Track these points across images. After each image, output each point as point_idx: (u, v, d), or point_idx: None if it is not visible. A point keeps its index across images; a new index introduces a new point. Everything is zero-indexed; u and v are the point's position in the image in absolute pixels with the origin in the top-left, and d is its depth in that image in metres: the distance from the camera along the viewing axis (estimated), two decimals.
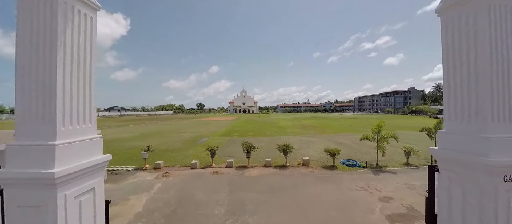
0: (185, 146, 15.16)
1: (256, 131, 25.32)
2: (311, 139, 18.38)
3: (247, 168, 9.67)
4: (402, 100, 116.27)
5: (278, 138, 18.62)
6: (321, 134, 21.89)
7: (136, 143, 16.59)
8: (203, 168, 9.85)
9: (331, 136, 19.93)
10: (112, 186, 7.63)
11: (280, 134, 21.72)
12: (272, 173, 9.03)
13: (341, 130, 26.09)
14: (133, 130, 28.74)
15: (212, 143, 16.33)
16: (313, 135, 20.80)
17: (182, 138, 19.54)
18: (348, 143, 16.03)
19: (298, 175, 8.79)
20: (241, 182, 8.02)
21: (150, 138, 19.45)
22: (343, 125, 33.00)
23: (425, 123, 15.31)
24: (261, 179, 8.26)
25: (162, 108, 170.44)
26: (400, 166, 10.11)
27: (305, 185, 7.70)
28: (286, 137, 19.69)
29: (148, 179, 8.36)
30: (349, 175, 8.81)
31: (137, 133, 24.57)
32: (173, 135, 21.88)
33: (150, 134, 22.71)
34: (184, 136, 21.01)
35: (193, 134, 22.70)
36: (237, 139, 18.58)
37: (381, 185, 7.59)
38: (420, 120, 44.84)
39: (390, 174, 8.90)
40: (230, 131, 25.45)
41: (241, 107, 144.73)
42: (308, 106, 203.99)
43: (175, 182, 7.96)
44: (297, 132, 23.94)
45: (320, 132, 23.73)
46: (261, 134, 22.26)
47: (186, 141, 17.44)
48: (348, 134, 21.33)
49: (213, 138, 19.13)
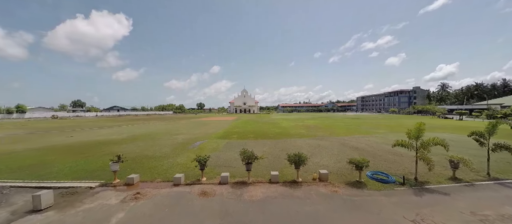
0: (174, 152, 12.86)
1: (257, 132, 23.01)
2: (320, 142, 16.04)
3: (247, 186, 7.35)
4: (407, 100, 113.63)
5: (283, 141, 16.33)
6: (330, 136, 19.54)
7: (121, 148, 14.33)
8: (190, 184, 7.54)
9: (341, 139, 17.59)
10: (54, 217, 5.33)
11: (284, 136, 19.41)
12: (280, 193, 6.70)
13: (350, 131, 23.72)
14: (125, 130, 26.49)
15: (207, 147, 14.05)
16: (322, 137, 18.47)
17: (174, 141, 17.25)
18: (364, 147, 13.69)
19: (317, 197, 6.45)
20: (238, 209, 5.70)
21: (139, 141, 17.19)
22: (350, 125, 30.63)
23: (444, 124, 13.02)
24: (267, 205, 5.94)
25: (161, 108, 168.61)
26: (445, 181, 7.76)
27: (330, 216, 5.37)
28: (291, 139, 17.38)
29: (110, 204, 6.05)
30: (386, 197, 6.46)
31: (128, 134, 22.33)
32: (165, 137, 19.61)
33: (140, 136, 20.46)
34: (177, 138, 18.73)
35: (188, 136, 20.42)
36: (236, 142, 16.28)
37: (440, 217, 5.25)
38: (434, 121, 42.45)
39: (441, 196, 6.55)
40: (229, 132, 23.15)
41: (242, 107, 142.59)
42: (309, 106, 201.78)
43: (144, 211, 5.64)
44: (303, 133, 21.62)
45: (328, 133, 21.38)
46: (263, 135, 19.96)
47: (177, 145, 15.15)
48: (360, 136, 18.98)
49: (209, 141, 16.84)
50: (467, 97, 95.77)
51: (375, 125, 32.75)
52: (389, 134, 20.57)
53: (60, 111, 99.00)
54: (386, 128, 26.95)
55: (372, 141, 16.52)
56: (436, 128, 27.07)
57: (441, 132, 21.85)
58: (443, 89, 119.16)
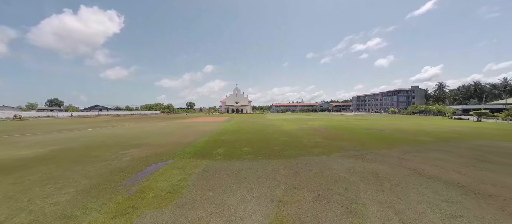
0: (70, 209, 5.70)
1: (254, 141, 16.09)
2: (369, 166, 9.31)
3: None
4: (405, 100, 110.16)
5: (305, 164, 9.27)
6: (364, 148, 12.92)
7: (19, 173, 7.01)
8: None
9: (397, 159, 10.98)
10: None
11: (296, 148, 12.60)
12: None
13: (383, 140, 17.24)
14: (65, 138, 18.81)
15: (162, 182, 6.92)
16: (359, 150, 11.82)
17: (111, 163, 10.04)
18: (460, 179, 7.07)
19: None
20: None
21: (51, 163, 9.84)
22: (369, 129, 24.27)
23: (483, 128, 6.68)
24: None
25: (148, 108, 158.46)
26: None
27: None
28: (315, 157, 10.50)
29: None
30: None
31: (57, 146, 14.82)
32: (107, 152, 12.33)
33: (67, 151, 13.06)
34: (126, 155, 11.53)
35: (148, 149, 13.21)
36: (222, 165, 9.24)
37: None
38: (455, 123, 37.02)
39: None
40: (215, 141, 16.10)
41: (234, 106, 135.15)
42: (304, 106, 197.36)
43: None
44: (320, 142, 14.91)
45: (358, 144, 14.78)
46: (265, 147, 13.05)
47: (105, 176, 7.97)
48: (412, 146, 12.46)
49: (176, 162, 9.73)
50: (467, 97, 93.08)
51: (398, 128, 26.57)
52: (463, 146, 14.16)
53: (28, 110, 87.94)
54: (426, 135, 20.71)
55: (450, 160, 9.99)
56: (487, 135, 21.10)
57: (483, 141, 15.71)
58: (440, 88, 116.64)
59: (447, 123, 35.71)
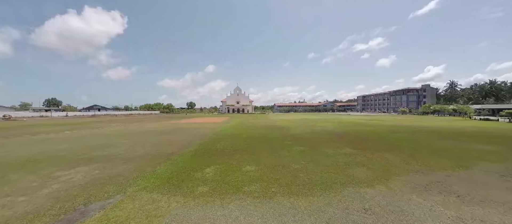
0: None
1: (259, 152, 11.76)
2: (475, 210, 4.90)
3: None
4: (416, 99, 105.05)
5: (357, 209, 4.83)
6: (421, 163, 8.51)
7: None
8: None
9: (491, 179, 6.56)
10: None
11: (326, 168, 8.23)
12: None
13: (429, 147, 12.78)
14: (23, 142, 14.62)
15: None
16: (424, 173, 7.44)
17: (31, 196, 5.76)
18: None
19: None
20: None
21: None
22: (395, 133, 19.75)
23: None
24: None
25: (148, 108, 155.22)
26: None
27: None
28: (371, 190, 6.05)
29: None
30: None
31: (29, 153, 10.61)
32: (46, 170, 8.09)
33: (28, 160, 8.83)
34: (67, 177, 7.29)
35: (107, 164, 8.92)
36: (204, 211, 4.91)
37: None
38: (488, 124, 32.37)
39: None
40: (204, 153, 11.83)
41: (235, 106, 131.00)
42: (306, 105, 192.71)
43: None
44: (352, 155, 10.50)
45: (410, 157, 10.37)
46: (275, 164, 8.72)
47: None
48: (500, 164, 8.04)
49: (124, 202, 5.42)
50: (483, 96, 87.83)
51: (430, 130, 21.95)
52: None
53: (21, 110, 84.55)
54: (488, 140, 16.22)
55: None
56: None
57: None
58: (451, 87, 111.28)
59: (485, 125, 31.03)
